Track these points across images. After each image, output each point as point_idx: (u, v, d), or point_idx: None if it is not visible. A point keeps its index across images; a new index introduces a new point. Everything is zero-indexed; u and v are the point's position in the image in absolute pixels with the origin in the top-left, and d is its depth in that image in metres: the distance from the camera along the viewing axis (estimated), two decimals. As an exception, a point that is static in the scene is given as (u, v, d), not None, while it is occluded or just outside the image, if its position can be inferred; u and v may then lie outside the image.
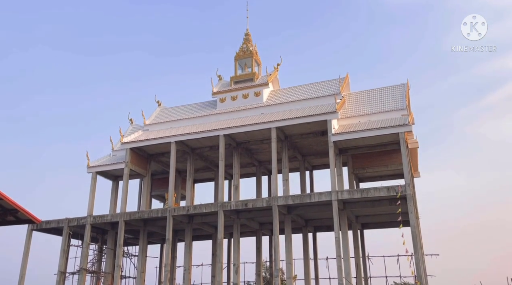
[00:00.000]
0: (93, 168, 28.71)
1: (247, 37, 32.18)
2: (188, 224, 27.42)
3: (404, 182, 21.73)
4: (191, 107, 31.37)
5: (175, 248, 31.53)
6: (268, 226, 29.04)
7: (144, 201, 29.24)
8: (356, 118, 25.22)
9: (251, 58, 30.96)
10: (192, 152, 28.17)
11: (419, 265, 20.60)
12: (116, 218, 26.93)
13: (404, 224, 21.98)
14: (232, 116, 28.11)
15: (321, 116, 23.84)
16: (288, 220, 25.28)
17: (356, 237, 27.48)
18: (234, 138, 26.57)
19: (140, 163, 28.75)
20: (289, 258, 24.85)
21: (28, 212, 13.86)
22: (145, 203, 29.14)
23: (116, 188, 30.22)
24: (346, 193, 22.59)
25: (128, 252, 30.07)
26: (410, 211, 20.99)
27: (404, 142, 22.40)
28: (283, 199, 23.55)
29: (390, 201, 22.34)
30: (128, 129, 31.99)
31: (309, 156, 29.17)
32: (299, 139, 26.34)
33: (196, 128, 27.14)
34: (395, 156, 24.90)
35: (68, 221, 27.82)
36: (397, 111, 24.36)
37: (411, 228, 20.92)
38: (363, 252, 28.56)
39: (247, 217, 26.44)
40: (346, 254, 23.10)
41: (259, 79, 30.06)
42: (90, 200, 27.95)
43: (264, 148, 27.57)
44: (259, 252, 29.53)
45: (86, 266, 27.21)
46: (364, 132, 23.09)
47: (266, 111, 27.48)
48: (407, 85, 26.06)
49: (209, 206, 25.13)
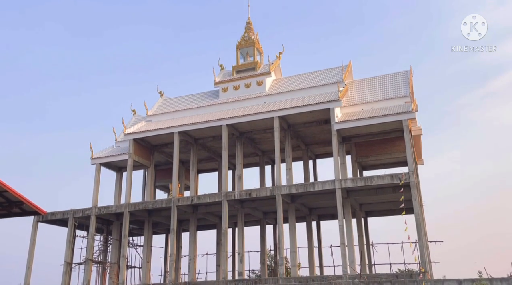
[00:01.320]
0: (97, 159, 28.82)
1: (249, 25, 31.96)
2: (193, 214, 27.55)
3: (408, 170, 21.70)
4: (194, 97, 31.32)
5: (180, 238, 31.73)
6: (272, 215, 29.15)
7: (148, 191, 29.38)
8: (359, 106, 25.12)
9: (253, 47, 30.78)
10: (195, 142, 28.20)
11: (423, 252, 20.67)
12: (121, 209, 27.08)
13: (408, 211, 22.02)
14: (235, 105, 28.05)
15: (324, 105, 23.76)
16: (292, 209, 25.36)
17: (360, 225, 27.57)
18: (237, 128, 26.55)
19: (144, 154, 28.82)
20: (293, 247, 24.98)
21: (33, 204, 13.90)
22: (149, 193, 29.27)
23: (120, 179, 30.35)
24: (349, 181, 22.59)
25: (133, 243, 30.32)
26: (414, 198, 21.01)
27: (407, 130, 22.32)
28: (287, 188, 23.59)
29: (394, 189, 22.34)
30: (131, 120, 32.01)
31: (312, 145, 29.14)
32: (302, 128, 26.31)
33: (199, 119, 27.13)
34: (398, 143, 24.82)
35: (73, 212, 28.01)
36: (400, 98, 24.24)
37: (415, 215, 20.95)
38: (367, 240, 28.66)
39: (251, 206, 26.54)
40: (350, 242, 23.19)
41: (261, 68, 29.92)
42: (94, 191, 28.09)
43: (267, 137, 27.56)
44: (263, 241, 29.69)
45: (92, 256, 27.45)
46: (368, 120, 23.01)
47: (268, 100, 27.40)
48: (410, 72, 25.90)
49: (213, 196, 25.22)
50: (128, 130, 28.20)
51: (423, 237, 21.07)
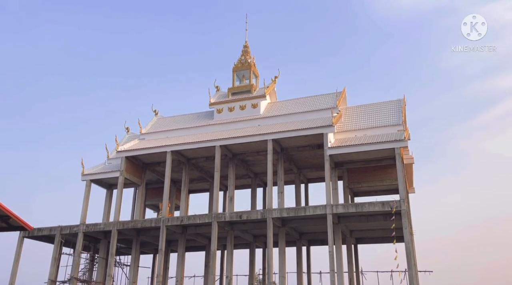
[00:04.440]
0: (88, 176, 28.56)
1: (246, 49, 32.37)
2: (182, 235, 27.23)
3: (399, 198, 21.72)
4: (188, 117, 31.38)
5: (168, 259, 31.25)
6: (262, 239, 28.86)
7: (138, 210, 29.06)
8: (352, 132, 25.28)
9: (249, 70, 31.10)
10: (187, 162, 28.11)
11: (413, 282, 20.49)
12: (109, 227, 26.71)
13: (398, 239, 21.91)
14: (229, 127, 28.12)
15: (317, 129, 23.89)
16: (282, 233, 25.16)
17: (350, 251, 27.35)
18: (230, 149, 26.55)
19: (135, 172, 28.64)
20: (282, 271, 24.66)
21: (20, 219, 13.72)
22: (139, 212, 28.95)
23: (110, 196, 30.04)
24: (341, 207, 22.54)
25: (120, 262, 29.78)
26: (405, 227, 20.95)
27: (399, 158, 22.44)
28: (278, 211, 23.47)
29: (385, 216, 22.30)
30: (124, 137, 31.92)
31: (305, 169, 29.15)
32: (295, 151, 26.36)
33: (193, 138, 27.12)
34: (390, 171, 24.90)
35: (61, 229, 27.57)
36: (393, 126, 24.45)
37: (405, 244, 20.85)
38: (356, 267, 28.40)
39: (241, 229, 26.30)
40: (340, 269, 22.96)
41: (256, 91, 30.16)
42: (83, 208, 27.75)
43: (260, 160, 27.55)
44: (252, 264, 29.31)
45: (77, 275, 26.88)
46: (360, 146, 23.14)
47: (263, 123, 27.52)
48: (403, 101, 26.21)
49: (203, 217, 25.00)
50: (121, 148, 28.08)
51: (413, 266, 20.93)
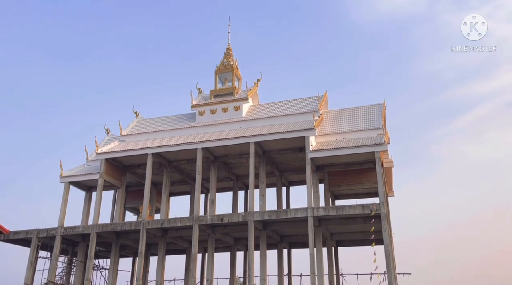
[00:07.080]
0: (66, 178, 28.06)
1: (228, 51, 32.38)
2: (162, 238, 26.98)
3: (379, 201, 22.00)
4: (170, 119, 31.17)
5: (148, 262, 30.91)
6: (243, 242, 28.83)
7: (117, 213, 28.68)
8: (333, 135, 25.53)
9: (231, 73, 31.10)
10: (168, 164, 27.90)
11: (392, 283, 20.75)
12: (88, 229, 26.30)
13: (378, 242, 22.18)
14: (211, 129, 28.05)
15: (299, 133, 24.04)
16: (263, 235, 25.19)
17: (330, 254, 27.56)
18: (212, 151, 26.48)
19: (115, 174, 28.27)
20: (263, 274, 24.69)
21: (-5, 222, 13.40)
22: (118, 215, 28.58)
23: (89, 199, 29.56)
24: (321, 209, 22.70)
25: (99, 265, 29.34)
26: (384, 229, 21.22)
27: (379, 161, 22.75)
28: (259, 214, 23.49)
29: (365, 219, 22.54)
30: (104, 139, 31.46)
31: (286, 172, 29.27)
32: (277, 154, 26.45)
33: (174, 141, 26.95)
34: (370, 174, 25.23)
35: (38, 232, 26.99)
36: (373, 130, 24.78)
37: (385, 247, 21.12)
38: (337, 270, 28.62)
39: (223, 232, 26.22)
40: (320, 271, 23.11)
41: (239, 93, 30.17)
42: (61, 211, 27.21)
43: (242, 162, 27.54)
44: (233, 267, 29.23)
45: (54, 279, 26.35)
46: (341, 149, 23.37)
47: (245, 125, 27.54)
48: (383, 105, 26.60)
49: (184, 220, 24.83)
50: (101, 149, 27.69)
51: (391, 268, 21.20)
